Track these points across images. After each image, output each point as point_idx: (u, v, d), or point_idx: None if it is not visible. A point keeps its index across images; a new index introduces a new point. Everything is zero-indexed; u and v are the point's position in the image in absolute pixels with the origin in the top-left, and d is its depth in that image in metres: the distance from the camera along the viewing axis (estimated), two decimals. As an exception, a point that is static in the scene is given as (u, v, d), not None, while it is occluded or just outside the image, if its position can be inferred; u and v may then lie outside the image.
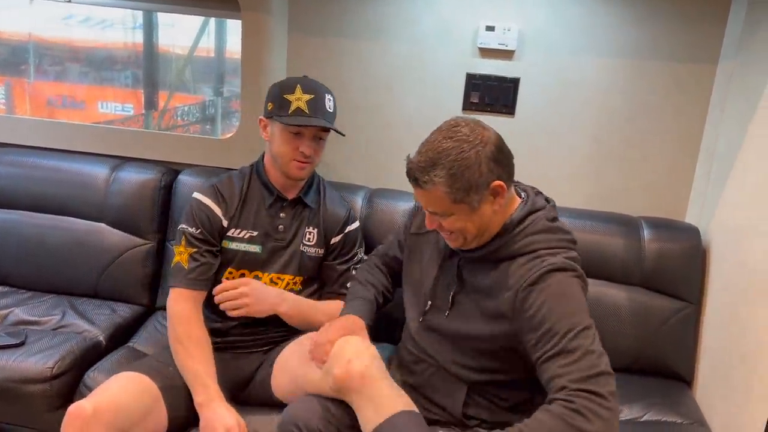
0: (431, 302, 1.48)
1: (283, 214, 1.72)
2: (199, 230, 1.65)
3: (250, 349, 1.71)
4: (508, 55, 2.12)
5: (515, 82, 2.13)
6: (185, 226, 1.67)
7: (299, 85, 1.62)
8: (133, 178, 2.17)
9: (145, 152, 2.33)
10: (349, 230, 1.79)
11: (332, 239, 1.77)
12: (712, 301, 1.92)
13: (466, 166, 1.26)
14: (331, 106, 1.65)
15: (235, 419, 1.49)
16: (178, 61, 3.53)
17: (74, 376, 1.78)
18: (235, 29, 2.49)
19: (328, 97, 1.65)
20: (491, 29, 2.09)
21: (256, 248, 1.70)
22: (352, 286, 1.68)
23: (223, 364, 1.62)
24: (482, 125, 1.32)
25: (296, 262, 1.72)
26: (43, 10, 3.17)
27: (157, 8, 2.41)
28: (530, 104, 2.15)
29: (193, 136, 2.91)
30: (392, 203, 2.02)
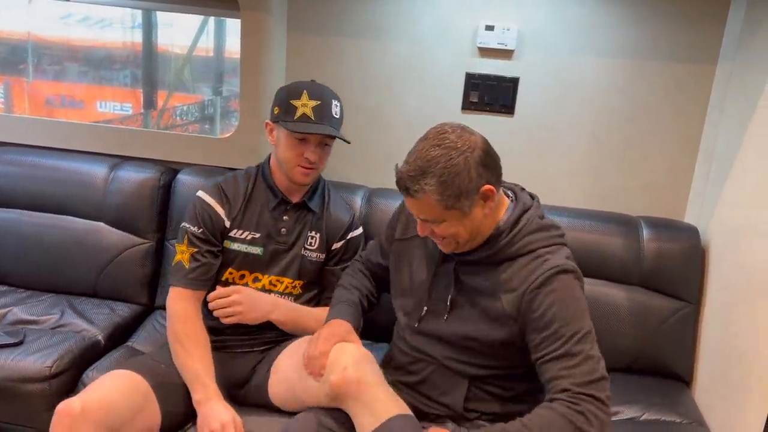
0: (427, 308, 1.48)
1: (286, 217, 1.72)
2: (201, 230, 1.65)
3: (245, 348, 1.71)
4: (507, 54, 2.12)
5: (514, 81, 2.13)
6: (188, 224, 1.67)
7: (306, 90, 1.62)
8: (132, 177, 2.17)
9: (144, 151, 2.33)
10: (351, 237, 1.78)
11: (334, 245, 1.76)
12: (711, 300, 1.92)
13: (455, 172, 1.26)
14: (337, 112, 1.65)
15: (230, 416, 1.49)
16: (177, 60, 3.53)
17: (73, 375, 1.78)
18: (234, 29, 2.49)
19: (335, 103, 1.64)
20: (491, 29, 2.09)
21: (257, 250, 1.70)
22: (336, 290, 1.67)
23: (219, 363, 1.62)
24: (468, 130, 1.33)
25: (297, 265, 1.72)
26: (41, 9, 3.17)
27: (156, 7, 2.41)
28: (529, 104, 2.15)
29: (192, 135, 2.91)
30: (391, 203, 2.02)
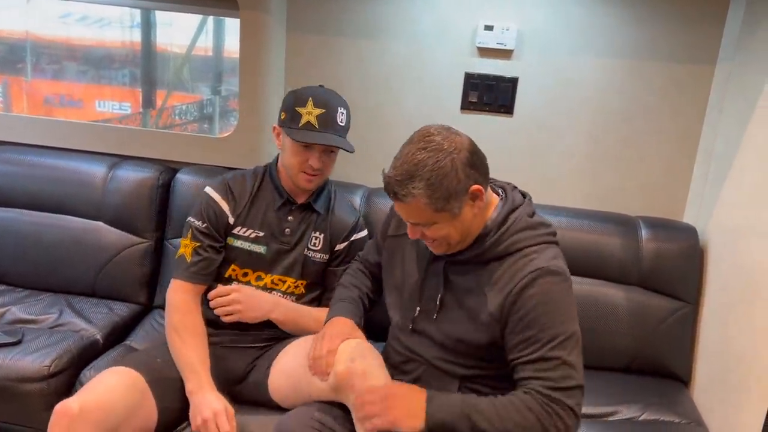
0: (420, 308, 1.48)
1: (291, 217, 1.72)
2: (204, 224, 1.67)
3: (243, 344, 1.71)
4: (506, 54, 2.12)
5: (514, 81, 2.14)
6: (193, 219, 1.69)
7: (312, 97, 1.62)
8: (130, 176, 2.17)
9: (142, 151, 2.32)
10: (355, 238, 1.79)
11: (337, 246, 1.77)
12: (709, 300, 1.92)
13: (443, 174, 1.26)
14: (343, 119, 1.65)
15: (222, 405, 1.49)
16: (176, 59, 3.52)
17: (71, 374, 1.78)
18: (233, 28, 2.49)
19: (340, 110, 1.64)
20: (490, 29, 2.09)
21: (260, 248, 1.71)
22: (336, 289, 1.68)
23: (216, 358, 1.62)
24: (454, 131, 1.32)
25: (299, 265, 1.73)
26: (40, 8, 3.16)
27: (155, 6, 2.41)
28: (529, 104, 2.15)
29: (191, 134, 2.90)
30: (390, 202, 2.00)
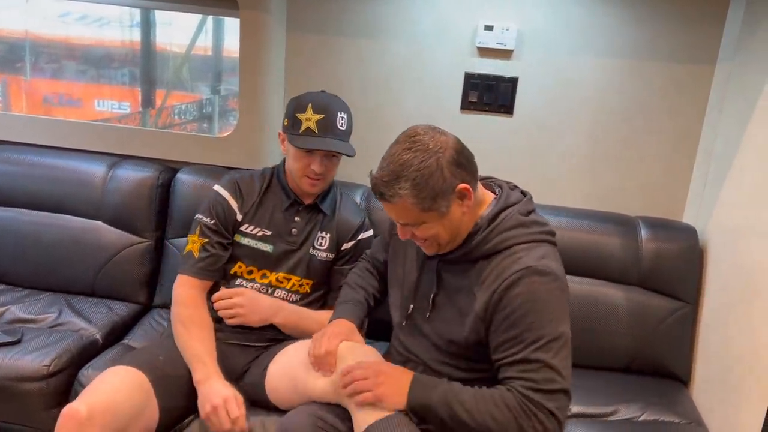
0: (413, 305, 1.49)
1: (298, 218, 1.74)
2: (213, 221, 1.70)
3: (243, 342, 1.71)
4: (506, 54, 2.12)
5: (513, 81, 2.14)
6: (201, 216, 1.72)
7: (312, 103, 1.64)
8: (130, 176, 2.17)
9: (142, 150, 2.32)
10: (361, 238, 1.80)
11: (344, 245, 1.78)
12: (709, 301, 1.92)
13: (428, 174, 1.26)
14: (343, 124, 1.66)
15: (231, 391, 1.51)
16: (175, 59, 3.52)
17: (70, 374, 1.78)
18: (232, 27, 2.49)
19: (340, 114, 1.65)
20: (490, 29, 2.09)
21: (267, 247, 1.72)
22: (342, 289, 1.69)
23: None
24: (440, 131, 1.32)
25: (304, 264, 1.74)
26: (39, 7, 3.16)
27: (155, 6, 2.41)
28: (528, 104, 2.15)
29: (191, 134, 2.90)
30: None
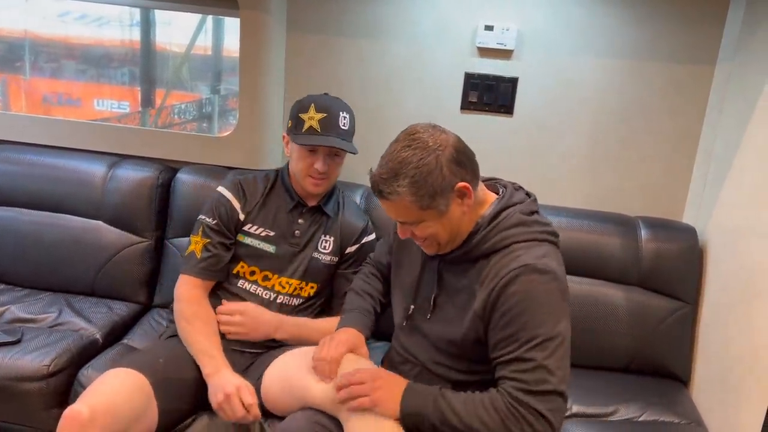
0: (413, 306, 1.49)
1: (301, 220, 1.75)
2: (215, 221, 1.70)
3: (240, 348, 1.70)
4: (506, 54, 2.12)
5: (514, 81, 2.14)
6: (204, 216, 1.73)
7: (314, 103, 1.66)
8: (130, 175, 2.17)
9: (142, 150, 2.32)
10: (365, 241, 1.81)
11: (347, 249, 1.79)
12: (709, 301, 1.93)
13: (427, 172, 1.26)
14: (346, 123, 1.68)
15: (242, 381, 1.52)
16: (175, 58, 3.52)
17: (70, 374, 1.77)
18: (232, 27, 2.49)
19: (343, 114, 1.67)
20: (490, 29, 2.09)
21: (270, 248, 1.73)
22: (348, 295, 1.69)
23: None
24: (440, 129, 1.32)
25: (305, 267, 1.74)
26: (39, 6, 3.16)
27: (155, 6, 2.41)
28: (528, 104, 2.15)
29: (191, 134, 2.90)
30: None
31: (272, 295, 1.73)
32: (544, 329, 1.24)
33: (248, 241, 1.73)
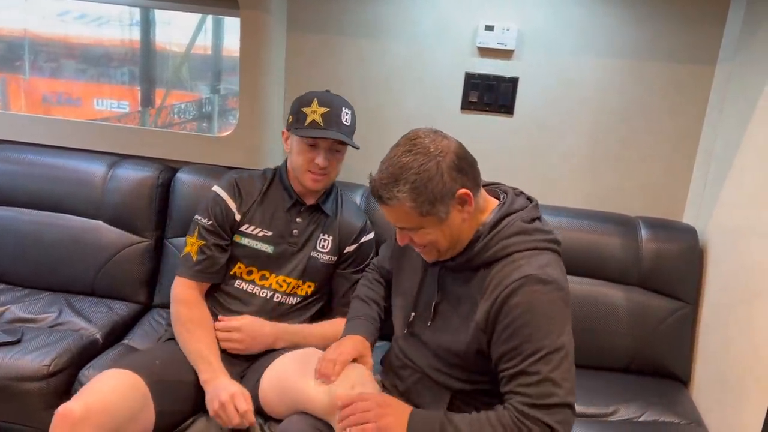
0: (414, 312, 1.47)
1: (299, 219, 1.74)
2: (210, 222, 1.69)
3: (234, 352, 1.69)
4: (507, 54, 2.12)
5: (514, 81, 2.14)
6: (199, 217, 1.71)
7: (317, 98, 1.66)
8: (130, 175, 2.16)
9: (142, 150, 2.32)
10: (363, 241, 1.80)
11: (346, 248, 1.78)
12: (709, 301, 1.93)
13: (428, 178, 1.24)
14: (348, 119, 1.67)
15: (237, 387, 1.52)
16: (175, 58, 3.52)
17: (71, 374, 1.78)
18: (232, 27, 2.49)
19: (345, 110, 1.67)
20: (490, 29, 2.09)
21: (268, 248, 1.71)
22: (353, 302, 1.67)
23: None
24: (441, 134, 1.30)
25: (303, 266, 1.73)
26: (38, 6, 3.15)
27: (155, 5, 2.41)
28: (529, 104, 2.15)
29: (191, 134, 2.90)
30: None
31: (269, 293, 1.72)
32: (548, 341, 1.22)
33: (246, 241, 1.71)
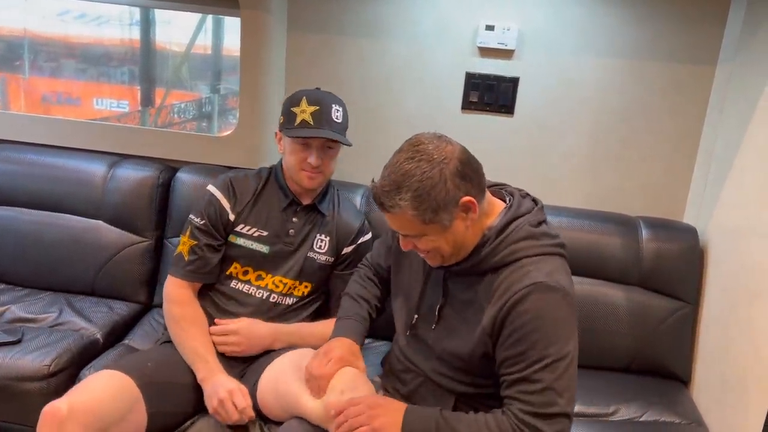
0: (417, 315, 1.46)
1: (295, 218, 1.73)
2: (203, 221, 1.68)
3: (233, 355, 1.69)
4: (507, 54, 2.12)
5: (514, 81, 2.14)
6: (193, 216, 1.70)
7: (305, 97, 1.64)
8: (130, 175, 2.16)
9: (142, 149, 2.32)
10: (361, 242, 1.79)
11: (344, 249, 1.77)
12: (709, 301, 1.93)
13: (431, 185, 1.21)
14: (339, 116, 1.65)
15: (235, 384, 1.52)
16: (175, 57, 3.51)
17: (71, 373, 1.78)
18: (232, 26, 2.49)
19: (335, 107, 1.64)
20: (491, 29, 2.09)
21: (263, 248, 1.70)
22: (344, 300, 1.65)
23: None
24: (446, 140, 1.27)
25: (300, 266, 1.72)
26: (38, 5, 3.15)
27: (156, 5, 2.41)
28: (529, 104, 2.15)
29: (191, 133, 2.89)
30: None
31: (265, 294, 1.71)
32: (554, 349, 1.21)
33: (241, 242, 1.70)
